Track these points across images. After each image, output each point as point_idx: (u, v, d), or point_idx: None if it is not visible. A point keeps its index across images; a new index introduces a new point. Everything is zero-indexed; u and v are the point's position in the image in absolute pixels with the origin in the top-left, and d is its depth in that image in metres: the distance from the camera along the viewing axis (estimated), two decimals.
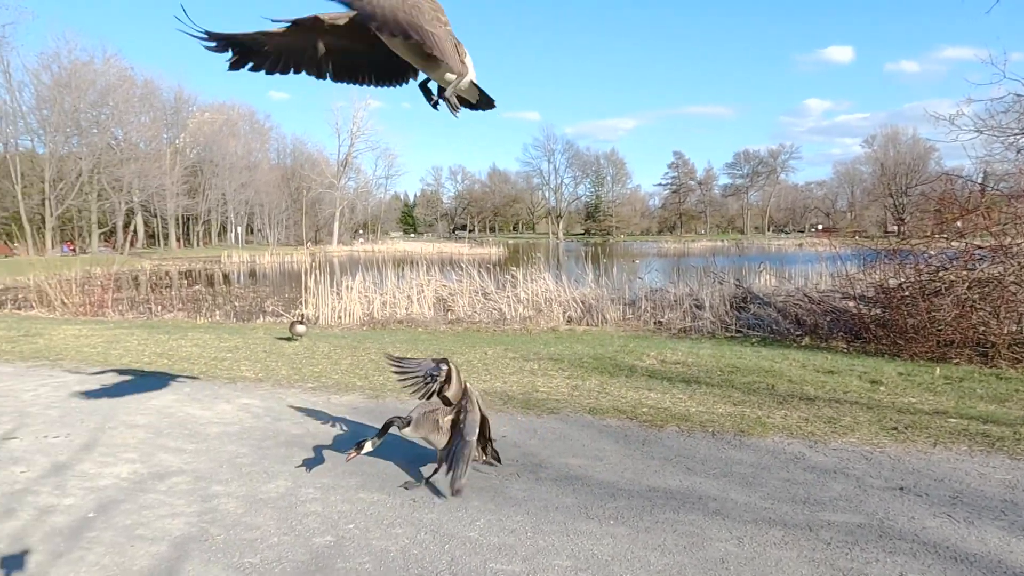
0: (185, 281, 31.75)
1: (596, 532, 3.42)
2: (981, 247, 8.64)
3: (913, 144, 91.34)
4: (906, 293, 8.77)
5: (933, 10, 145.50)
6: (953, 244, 9.03)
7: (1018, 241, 8.31)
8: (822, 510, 3.65)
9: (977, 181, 12.16)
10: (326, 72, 3.49)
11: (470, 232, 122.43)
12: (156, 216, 67.72)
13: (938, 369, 7.19)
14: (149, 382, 6.91)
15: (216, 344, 9.45)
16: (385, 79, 3.65)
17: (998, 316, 7.99)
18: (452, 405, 4.04)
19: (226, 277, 36.76)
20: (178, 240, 72.02)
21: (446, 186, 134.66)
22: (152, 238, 71.75)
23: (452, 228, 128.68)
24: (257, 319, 15.23)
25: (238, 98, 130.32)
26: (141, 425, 5.37)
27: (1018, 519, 3.50)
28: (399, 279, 16.40)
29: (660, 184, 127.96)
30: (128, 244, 60.10)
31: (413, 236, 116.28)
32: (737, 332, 10.82)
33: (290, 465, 4.43)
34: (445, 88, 3.39)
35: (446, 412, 3.98)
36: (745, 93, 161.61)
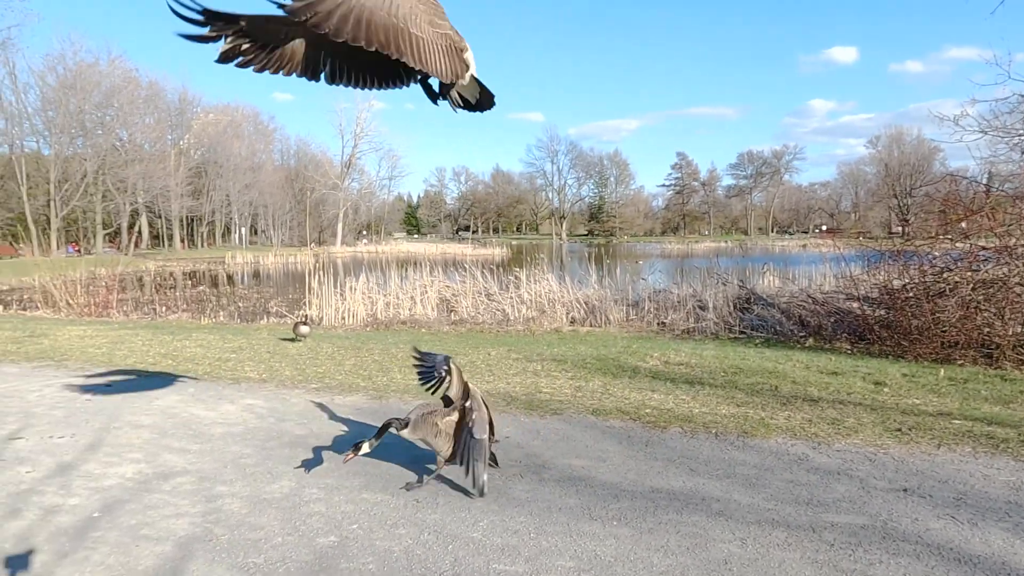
0: (189, 282, 31.84)
1: (599, 533, 3.42)
2: (986, 248, 8.62)
3: (918, 145, 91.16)
4: (910, 294, 8.75)
5: (937, 11, 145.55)
6: (957, 245, 9.01)
7: (1023, 242, 8.29)
8: (825, 511, 3.64)
9: (982, 182, 12.12)
10: (320, 73, 3.30)
11: (473, 233, 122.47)
12: (160, 217, 67.96)
13: (942, 370, 7.18)
14: (154, 383, 6.94)
15: (220, 345, 9.48)
16: (386, 81, 3.45)
17: (1003, 317, 7.97)
18: (451, 406, 4.03)
19: (230, 278, 36.86)
20: (182, 241, 72.22)
21: (449, 187, 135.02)
22: (156, 239, 72.02)
23: (455, 229, 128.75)
24: (261, 320, 15.28)
25: (242, 99, 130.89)
26: (146, 425, 5.39)
27: (1022, 521, 3.49)
28: (402, 280, 16.43)
29: (663, 185, 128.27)
30: (132, 245, 60.31)
31: (416, 237, 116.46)
32: (741, 333, 10.81)
33: (294, 466, 4.45)
34: (442, 84, 3.26)
35: (444, 414, 3.98)
36: (749, 94, 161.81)
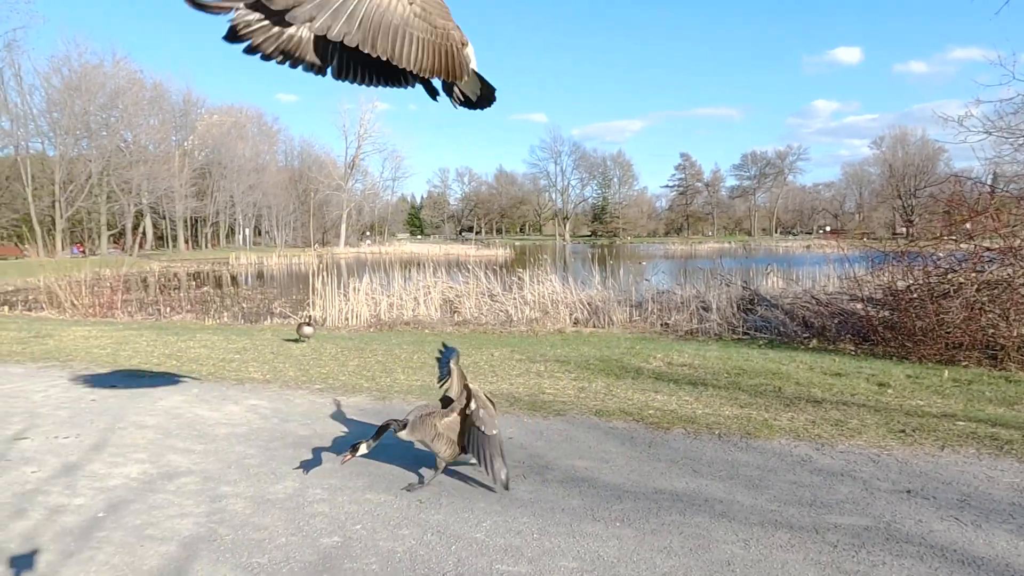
0: (193, 283, 31.92)
1: (602, 534, 3.42)
2: (990, 249, 8.60)
3: (922, 145, 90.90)
4: (914, 295, 8.73)
5: (941, 11, 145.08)
6: (962, 246, 8.99)
7: None
8: (829, 513, 3.64)
9: (986, 183, 12.09)
10: (328, 67, 3.21)
11: (477, 234, 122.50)
12: (165, 218, 68.19)
13: (946, 372, 7.16)
14: (158, 383, 6.96)
15: (224, 345, 9.50)
16: (390, 80, 3.37)
17: (1007, 318, 7.94)
18: (450, 407, 4.03)
19: (234, 279, 36.96)
20: (186, 242, 72.44)
21: (453, 188, 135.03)
22: (161, 240, 72.23)
23: (459, 230, 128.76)
24: (265, 321, 15.32)
25: (246, 100, 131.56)
26: (150, 426, 5.41)
27: None
28: (406, 281, 16.45)
29: (667, 186, 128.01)
30: (137, 246, 60.48)
31: (420, 238, 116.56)
32: (744, 334, 10.80)
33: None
34: (443, 81, 3.21)
35: (443, 415, 3.98)
36: (752, 94, 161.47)
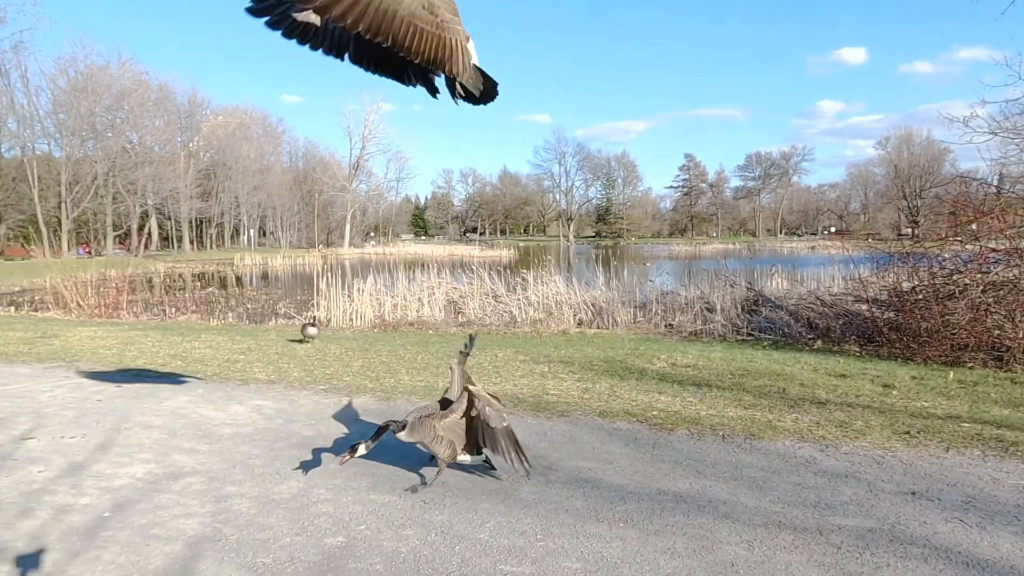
0: (198, 283, 32.06)
1: (606, 535, 3.43)
2: (996, 250, 8.57)
3: (927, 146, 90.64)
4: (919, 296, 8.70)
5: (947, 11, 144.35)
6: (967, 247, 8.96)
7: None
8: (833, 514, 3.64)
9: (992, 183, 12.03)
10: (345, 53, 3.17)
11: (481, 235, 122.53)
12: (170, 219, 68.41)
13: (952, 373, 7.14)
14: (163, 383, 7.00)
15: (229, 346, 9.53)
16: (397, 75, 3.30)
17: (1013, 320, 7.91)
18: (449, 408, 4.03)
19: (239, 280, 37.09)
20: (191, 243, 72.69)
21: (457, 189, 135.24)
22: (166, 240, 72.51)
23: (463, 231, 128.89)
24: (269, 321, 15.36)
25: (251, 102, 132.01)
26: (156, 426, 5.44)
27: None
28: (410, 282, 16.49)
29: (671, 187, 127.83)
30: (142, 247, 60.77)
31: (424, 239, 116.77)
32: (748, 335, 10.78)
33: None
34: (446, 77, 3.17)
35: (442, 416, 3.98)
36: (757, 95, 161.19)
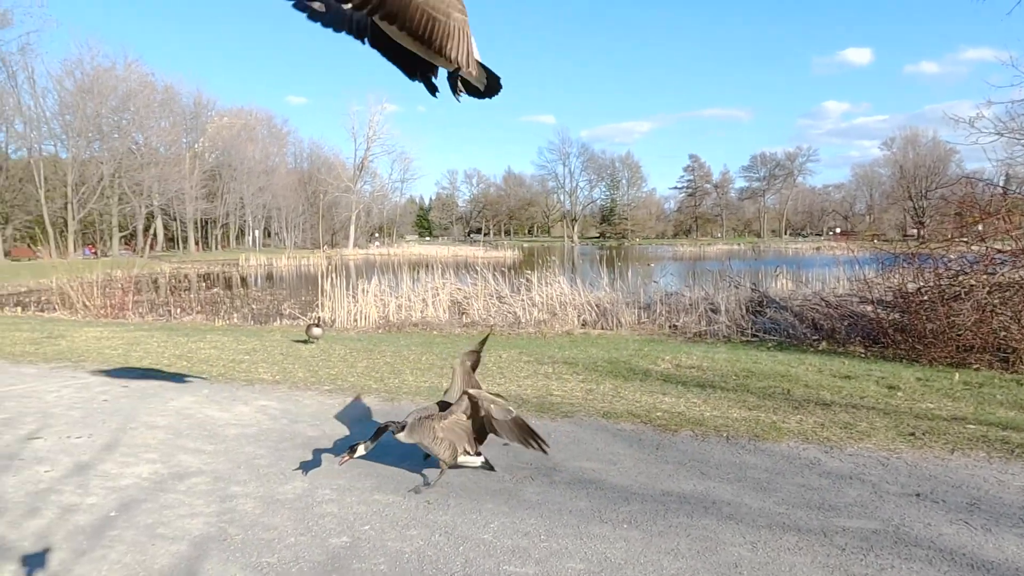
0: (203, 284, 32.15)
1: (609, 536, 3.43)
2: (1002, 251, 8.54)
3: (933, 146, 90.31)
4: (925, 297, 8.67)
5: (953, 11, 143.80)
6: (973, 248, 8.93)
7: None
8: (837, 516, 3.63)
9: (998, 184, 12.00)
10: (364, 37, 3.17)
11: (485, 235, 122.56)
12: (175, 220, 68.67)
13: (957, 374, 7.11)
14: (169, 384, 7.02)
15: (234, 346, 9.56)
16: (403, 62, 3.26)
17: (1019, 321, 7.88)
18: (448, 409, 4.02)
19: (244, 280, 37.16)
20: (197, 243, 72.90)
21: (461, 189, 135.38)
22: (171, 241, 72.77)
23: (467, 231, 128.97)
24: (274, 322, 15.40)
25: (256, 103, 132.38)
26: (161, 426, 5.46)
27: None
28: (414, 282, 16.51)
29: (675, 187, 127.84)
30: (148, 247, 60.95)
31: (428, 239, 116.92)
32: (753, 336, 10.76)
33: (315, 466, 4.49)
34: (449, 72, 3.18)
35: (442, 418, 3.98)
36: (762, 95, 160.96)
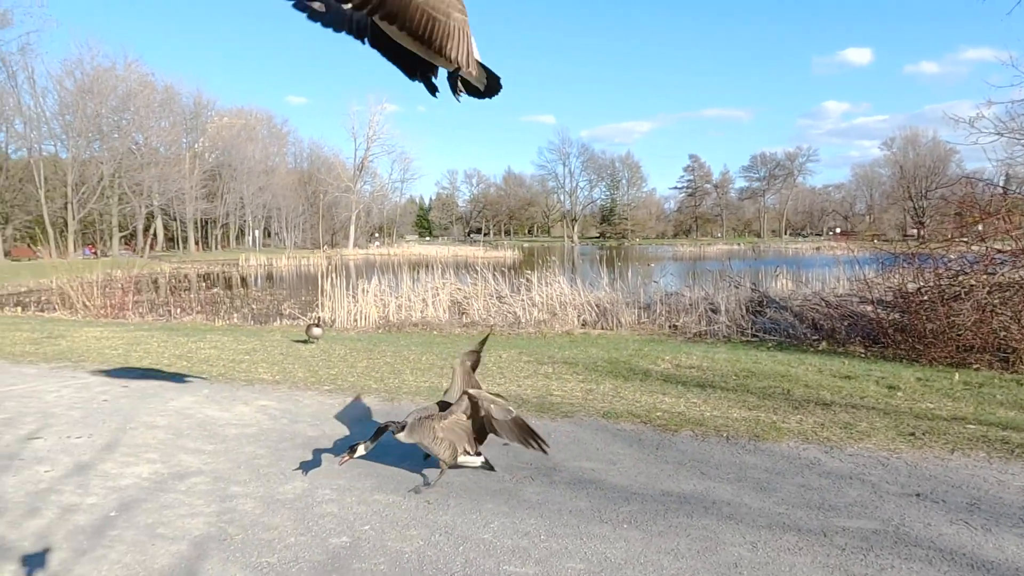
0: (203, 284, 32.17)
1: (609, 535, 3.43)
2: (1002, 251, 8.54)
3: (933, 146, 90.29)
4: (925, 297, 8.67)
5: (953, 11, 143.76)
6: (973, 248, 8.93)
7: None
8: (837, 516, 3.63)
9: (998, 184, 12.00)
10: (364, 37, 3.15)
11: (485, 235, 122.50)
12: (175, 220, 68.67)
13: (957, 375, 7.11)
14: (169, 384, 7.02)
15: (234, 346, 9.56)
16: (403, 63, 3.23)
17: (1019, 321, 7.88)
18: (448, 410, 4.02)
19: (243, 280, 37.16)
20: (197, 243, 72.89)
21: (461, 189, 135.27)
22: (171, 241, 72.78)
23: (467, 231, 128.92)
24: (274, 322, 15.40)
25: (256, 103, 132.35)
26: (161, 426, 5.46)
27: None
28: (414, 282, 16.50)
29: (675, 187, 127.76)
30: (148, 247, 60.94)
31: (428, 239, 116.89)
32: (753, 336, 10.76)
33: (315, 466, 4.50)
34: (449, 71, 3.16)
35: (442, 418, 3.99)
36: (762, 95, 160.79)
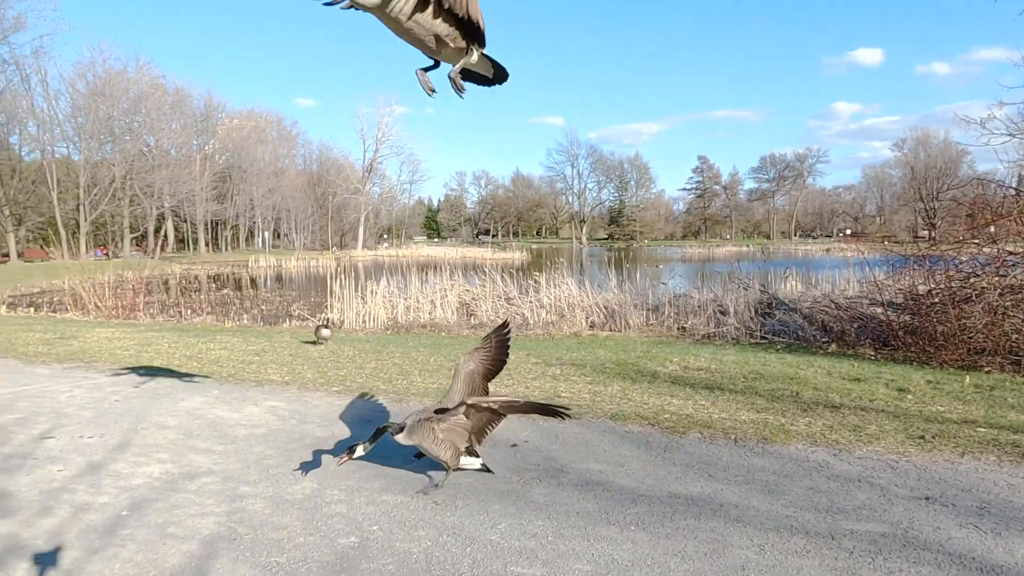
0: (214, 285, 32.39)
1: (617, 537, 3.43)
2: (1014, 253, 8.48)
3: (944, 147, 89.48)
4: (936, 300, 8.62)
5: (965, 11, 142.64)
6: (985, 250, 8.87)
7: None
8: (845, 519, 3.62)
9: (1011, 185, 11.89)
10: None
11: (493, 237, 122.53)
12: (186, 221, 69.17)
13: (968, 377, 7.06)
14: (179, 384, 7.08)
15: (243, 347, 9.63)
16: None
17: None
18: (448, 412, 4.02)
19: (253, 281, 37.37)
20: (207, 245, 73.38)
21: (470, 191, 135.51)
22: (182, 243, 73.30)
23: (476, 233, 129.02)
24: (283, 323, 15.49)
25: (266, 105, 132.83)
26: (172, 426, 5.51)
27: None
28: (423, 284, 16.55)
29: (684, 189, 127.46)
30: (159, 248, 61.39)
31: (437, 241, 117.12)
32: (762, 338, 10.73)
33: (319, 467, 4.52)
34: (449, 68, 2.94)
35: (440, 419, 3.99)
36: (772, 96, 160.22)
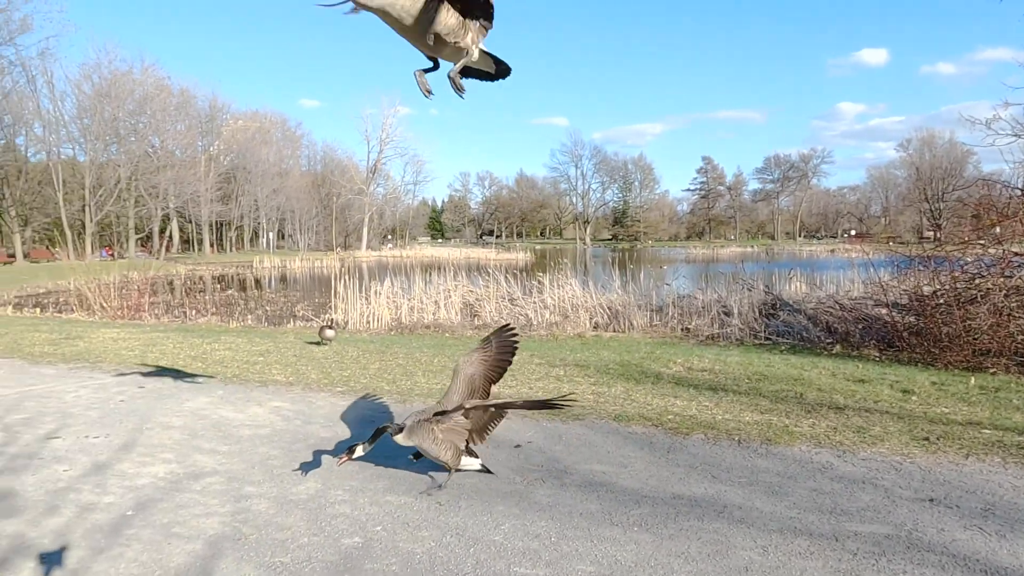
0: (218, 286, 32.49)
1: (620, 538, 3.44)
2: (1019, 254, 8.45)
3: (950, 148, 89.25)
4: (941, 301, 8.59)
5: (970, 11, 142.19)
6: (990, 251, 8.84)
7: None
8: (849, 520, 3.61)
9: (1016, 186, 11.85)
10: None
11: (497, 238, 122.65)
12: (191, 222, 69.35)
13: (973, 379, 7.04)
14: (184, 384, 7.11)
15: (248, 348, 9.65)
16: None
17: None
18: (447, 414, 4.03)
19: (258, 282, 37.45)
20: (212, 245, 73.54)
21: (473, 192, 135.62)
22: (187, 243, 73.50)
23: (479, 233, 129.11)
24: (287, 323, 15.53)
25: (270, 106, 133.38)
26: (177, 427, 5.54)
27: None
28: (426, 284, 16.57)
29: (688, 189, 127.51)
30: (164, 249, 61.56)
31: (441, 241, 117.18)
32: (766, 339, 10.71)
33: (319, 467, 4.53)
34: (449, 68, 2.93)
35: (440, 420, 4.00)
36: (776, 97, 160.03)
